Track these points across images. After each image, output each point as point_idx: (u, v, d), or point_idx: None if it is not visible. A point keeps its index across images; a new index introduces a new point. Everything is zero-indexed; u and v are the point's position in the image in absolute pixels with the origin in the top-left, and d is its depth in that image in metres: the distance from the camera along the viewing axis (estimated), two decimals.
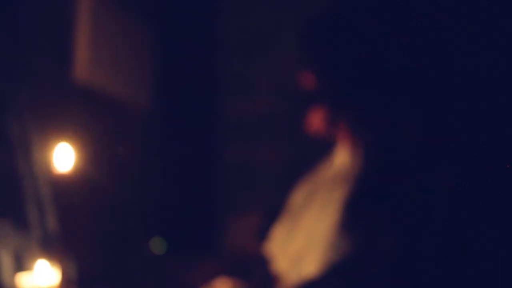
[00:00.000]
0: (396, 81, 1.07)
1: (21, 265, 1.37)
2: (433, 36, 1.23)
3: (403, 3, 1.17)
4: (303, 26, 1.17)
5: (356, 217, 0.96)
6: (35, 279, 1.28)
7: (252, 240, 1.25)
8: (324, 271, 0.94)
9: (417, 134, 1.05)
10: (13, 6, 1.43)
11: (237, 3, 2.36)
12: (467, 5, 1.20)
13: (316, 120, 1.09)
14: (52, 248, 1.42)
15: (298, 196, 1.13)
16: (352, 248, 0.93)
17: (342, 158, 1.10)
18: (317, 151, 1.20)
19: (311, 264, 0.97)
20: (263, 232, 1.18)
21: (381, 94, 1.07)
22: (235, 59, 2.38)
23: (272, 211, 1.20)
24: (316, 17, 1.16)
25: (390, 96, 1.07)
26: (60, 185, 1.29)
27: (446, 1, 1.26)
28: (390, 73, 1.07)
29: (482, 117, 1.24)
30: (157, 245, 2.17)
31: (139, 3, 2.17)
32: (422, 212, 0.91)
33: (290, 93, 1.24)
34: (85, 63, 1.77)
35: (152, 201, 2.28)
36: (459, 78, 1.50)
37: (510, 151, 1.16)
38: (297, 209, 1.11)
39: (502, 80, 1.39)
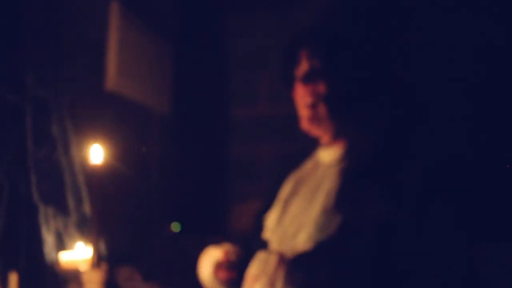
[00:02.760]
0: (388, 85, 1.04)
1: (62, 244, 1.38)
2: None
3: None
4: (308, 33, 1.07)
5: (341, 203, 0.94)
6: (73, 256, 1.30)
7: (251, 224, 1.22)
8: (312, 247, 0.93)
9: (397, 135, 1.03)
10: (55, 31, 1.45)
11: (243, 25, 2.37)
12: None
13: (308, 122, 1.06)
14: (87, 230, 1.43)
15: (287, 187, 1.11)
16: (337, 229, 0.92)
17: (327, 155, 1.07)
18: (308, 150, 1.19)
19: (300, 242, 0.96)
20: (260, 218, 1.15)
21: (373, 99, 1.03)
22: (240, 71, 2.39)
23: (268, 200, 1.18)
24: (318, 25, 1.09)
25: (379, 100, 1.03)
26: (94, 177, 1.30)
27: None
28: (384, 77, 1.04)
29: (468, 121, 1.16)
30: (174, 227, 2.19)
31: (160, 24, 2.18)
32: (397, 200, 0.90)
33: (287, 100, 1.18)
34: (114, 74, 1.79)
35: (170, 191, 2.29)
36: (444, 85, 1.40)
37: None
38: (286, 198, 1.09)
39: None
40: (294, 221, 1.02)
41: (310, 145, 1.18)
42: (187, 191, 2.36)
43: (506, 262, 1.54)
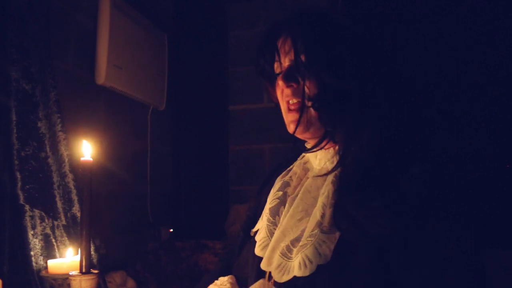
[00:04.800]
0: (384, 84, 0.90)
1: (49, 249, 1.31)
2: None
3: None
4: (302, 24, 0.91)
5: (338, 218, 0.84)
6: (62, 261, 1.23)
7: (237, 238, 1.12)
8: (312, 272, 0.84)
9: (394, 137, 0.90)
10: (42, 19, 1.36)
11: (241, 18, 2.32)
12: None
13: (295, 126, 0.92)
14: (76, 234, 1.37)
15: (273, 195, 1.00)
16: (335, 248, 0.83)
17: (318, 161, 0.97)
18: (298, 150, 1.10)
19: (297, 266, 0.85)
20: (247, 230, 1.05)
21: (368, 99, 0.89)
22: (239, 66, 2.34)
23: (254, 209, 1.06)
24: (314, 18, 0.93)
25: (374, 101, 0.89)
26: (84, 177, 1.23)
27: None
28: (381, 75, 0.90)
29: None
30: (170, 231, 2.14)
31: (155, 16, 2.11)
32: (396, 213, 0.80)
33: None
34: (105, 67, 1.72)
35: (165, 192, 2.24)
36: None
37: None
38: (275, 208, 0.98)
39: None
40: (285, 236, 0.91)
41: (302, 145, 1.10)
42: (183, 192, 2.31)
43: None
